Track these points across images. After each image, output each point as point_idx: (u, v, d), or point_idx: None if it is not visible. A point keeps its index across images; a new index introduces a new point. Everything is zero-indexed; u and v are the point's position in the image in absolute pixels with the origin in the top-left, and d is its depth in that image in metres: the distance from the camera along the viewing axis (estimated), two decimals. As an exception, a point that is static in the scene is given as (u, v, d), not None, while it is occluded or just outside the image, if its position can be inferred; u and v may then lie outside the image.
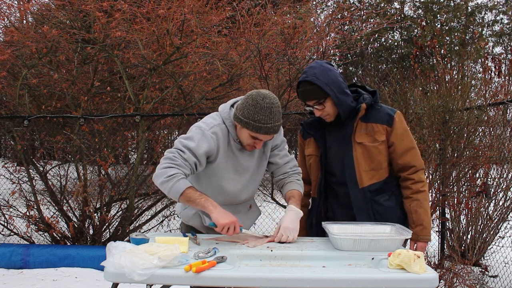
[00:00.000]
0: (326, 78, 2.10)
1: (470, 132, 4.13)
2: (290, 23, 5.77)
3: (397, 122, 2.17)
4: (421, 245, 2.17)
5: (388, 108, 2.23)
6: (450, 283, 3.47)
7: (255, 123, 1.99)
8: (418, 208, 2.15)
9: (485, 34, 15.49)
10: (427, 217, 2.16)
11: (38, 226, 4.73)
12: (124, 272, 1.56)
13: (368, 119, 2.18)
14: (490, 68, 4.56)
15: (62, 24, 5.05)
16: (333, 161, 2.25)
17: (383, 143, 2.17)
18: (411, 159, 2.17)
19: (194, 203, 1.98)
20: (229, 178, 2.15)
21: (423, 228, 2.15)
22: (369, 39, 14.74)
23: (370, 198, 2.17)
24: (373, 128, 2.17)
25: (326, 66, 2.16)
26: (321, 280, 1.60)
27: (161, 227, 5.14)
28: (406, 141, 2.18)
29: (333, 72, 2.15)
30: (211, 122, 2.12)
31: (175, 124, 5.58)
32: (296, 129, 5.14)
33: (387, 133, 2.16)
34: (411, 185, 2.17)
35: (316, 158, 2.30)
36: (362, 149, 2.16)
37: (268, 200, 4.72)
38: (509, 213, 4.30)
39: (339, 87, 2.13)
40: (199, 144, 2.03)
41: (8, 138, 5.54)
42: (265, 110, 1.98)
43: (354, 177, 2.17)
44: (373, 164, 2.17)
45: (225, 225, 1.93)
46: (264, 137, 2.05)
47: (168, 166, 1.98)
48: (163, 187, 1.98)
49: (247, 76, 5.43)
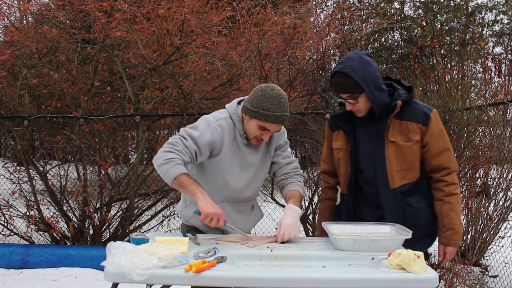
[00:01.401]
0: (364, 72, 2.01)
1: (470, 132, 4.12)
2: (290, 23, 5.77)
3: (433, 121, 2.07)
4: (451, 250, 2.09)
5: (424, 106, 2.12)
6: (450, 283, 3.47)
7: (264, 111, 2.02)
8: (450, 211, 2.07)
9: (485, 34, 15.48)
10: (458, 221, 2.08)
11: (38, 226, 4.73)
12: (124, 272, 1.56)
13: (403, 117, 2.08)
14: (490, 68, 4.56)
15: (62, 24, 5.04)
16: (362, 158, 2.17)
17: (417, 143, 2.07)
18: (445, 161, 2.08)
19: (185, 189, 1.99)
20: (233, 173, 2.16)
21: (454, 233, 2.07)
22: (369, 39, 14.73)
23: (401, 199, 2.09)
24: (407, 127, 2.07)
25: (365, 58, 2.05)
26: (321, 280, 1.60)
27: (161, 227, 5.14)
28: (442, 142, 2.08)
29: (372, 66, 2.04)
30: (218, 116, 2.16)
31: (175, 124, 5.58)
32: (296, 129, 5.14)
33: (421, 132, 2.06)
34: (443, 187, 2.08)
35: (346, 153, 2.21)
36: (395, 148, 2.07)
37: (268, 200, 4.72)
38: (509, 213, 4.30)
39: (376, 82, 2.03)
40: (202, 133, 2.06)
41: (8, 138, 5.55)
42: (274, 100, 2.02)
43: (386, 177, 2.09)
44: (405, 164, 2.08)
45: (209, 214, 1.93)
46: (272, 126, 2.06)
47: (168, 150, 2.02)
48: (160, 169, 2.01)
49: (247, 76, 5.43)
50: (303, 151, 5.81)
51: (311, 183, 4.51)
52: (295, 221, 2.08)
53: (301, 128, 4.74)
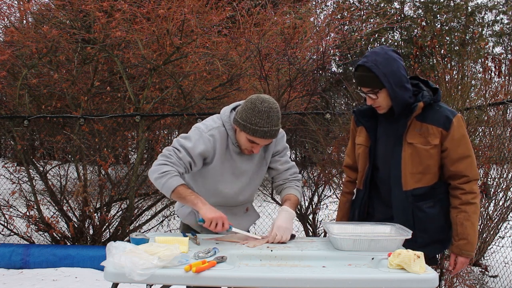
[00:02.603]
0: (387, 68, 1.97)
1: (470, 132, 4.12)
2: (290, 23, 5.77)
3: (455, 126, 2.00)
4: (462, 261, 2.03)
5: (448, 109, 2.05)
6: (450, 283, 3.47)
7: (251, 126, 2.00)
8: (465, 221, 2.00)
9: (485, 34, 15.48)
10: (473, 232, 2.01)
11: (38, 226, 4.72)
12: (124, 272, 1.56)
13: (424, 119, 2.02)
14: (490, 68, 4.56)
15: (62, 24, 5.04)
16: (379, 155, 2.15)
17: (436, 147, 2.01)
18: (465, 168, 2.01)
19: (185, 200, 2.02)
20: (225, 181, 2.16)
21: (467, 243, 2.00)
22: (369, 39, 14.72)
23: (412, 202, 2.05)
24: (427, 130, 2.02)
25: (391, 54, 2.01)
26: (321, 280, 1.61)
27: (161, 227, 5.14)
28: (462, 148, 2.01)
29: (397, 63, 2.00)
30: (211, 125, 2.14)
31: (175, 124, 5.58)
32: (296, 129, 5.14)
33: (442, 136, 2.01)
34: (460, 195, 2.02)
35: (366, 149, 2.18)
36: (411, 150, 2.03)
37: (268, 200, 4.72)
38: (509, 213, 4.29)
39: (399, 80, 1.99)
40: (195, 144, 2.07)
41: (8, 138, 5.55)
42: (263, 114, 2.00)
43: (399, 178, 2.05)
44: (421, 168, 2.03)
45: (213, 219, 1.95)
46: (261, 141, 2.05)
47: (163, 163, 2.04)
48: (157, 183, 2.03)
49: (247, 76, 5.43)
50: (303, 151, 5.81)
51: (311, 183, 4.51)
52: (288, 224, 2.08)
53: (301, 128, 4.75)
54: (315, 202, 4.41)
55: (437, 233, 2.07)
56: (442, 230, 2.08)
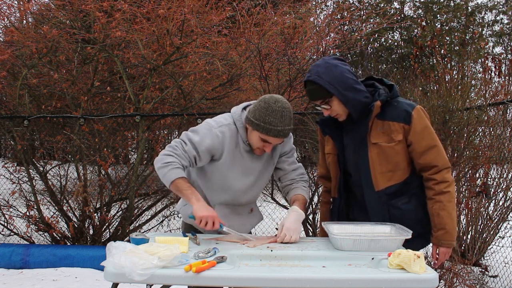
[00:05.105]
0: (329, 75, 1.99)
1: (470, 132, 4.12)
2: (290, 23, 5.77)
3: (416, 119, 2.01)
4: (443, 251, 2.04)
5: (406, 103, 2.06)
6: (450, 283, 3.47)
7: (265, 125, 2.02)
8: (440, 210, 2.00)
9: (485, 34, 15.47)
10: (450, 221, 2.00)
11: (38, 226, 4.72)
12: (124, 272, 1.56)
13: (385, 117, 2.03)
14: (490, 68, 4.56)
15: (62, 24, 5.04)
16: (349, 161, 2.16)
17: (401, 143, 2.02)
18: (433, 158, 2.02)
19: (181, 193, 2.03)
20: (234, 178, 2.17)
21: (445, 233, 2.00)
22: (369, 39, 14.72)
23: (386, 201, 2.07)
24: (390, 127, 2.03)
25: (331, 62, 2.03)
26: (321, 280, 1.61)
27: (161, 227, 5.14)
28: (426, 140, 2.02)
29: (339, 68, 2.01)
30: (221, 121, 2.16)
31: (175, 124, 5.58)
32: (296, 129, 5.14)
33: (404, 131, 2.01)
34: (433, 185, 2.02)
35: (334, 157, 2.20)
36: (377, 150, 2.04)
37: (268, 200, 4.72)
38: (509, 213, 4.30)
39: (345, 83, 1.99)
40: (202, 139, 2.08)
41: (8, 138, 5.54)
42: (276, 113, 2.02)
43: (370, 180, 2.06)
44: (390, 166, 2.04)
45: (203, 218, 1.95)
46: (274, 140, 2.07)
47: (168, 153, 2.07)
48: (159, 172, 2.06)
49: (247, 76, 5.42)
50: (303, 151, 5.81)
51: (311, 183, 4.51)
52: (297, 224, 2.08)
53: (301, 128, 4.74)
54: (315, 202, 4.41)
55: (417, 227, 2.04)
56: (421, 224, 2.08)
